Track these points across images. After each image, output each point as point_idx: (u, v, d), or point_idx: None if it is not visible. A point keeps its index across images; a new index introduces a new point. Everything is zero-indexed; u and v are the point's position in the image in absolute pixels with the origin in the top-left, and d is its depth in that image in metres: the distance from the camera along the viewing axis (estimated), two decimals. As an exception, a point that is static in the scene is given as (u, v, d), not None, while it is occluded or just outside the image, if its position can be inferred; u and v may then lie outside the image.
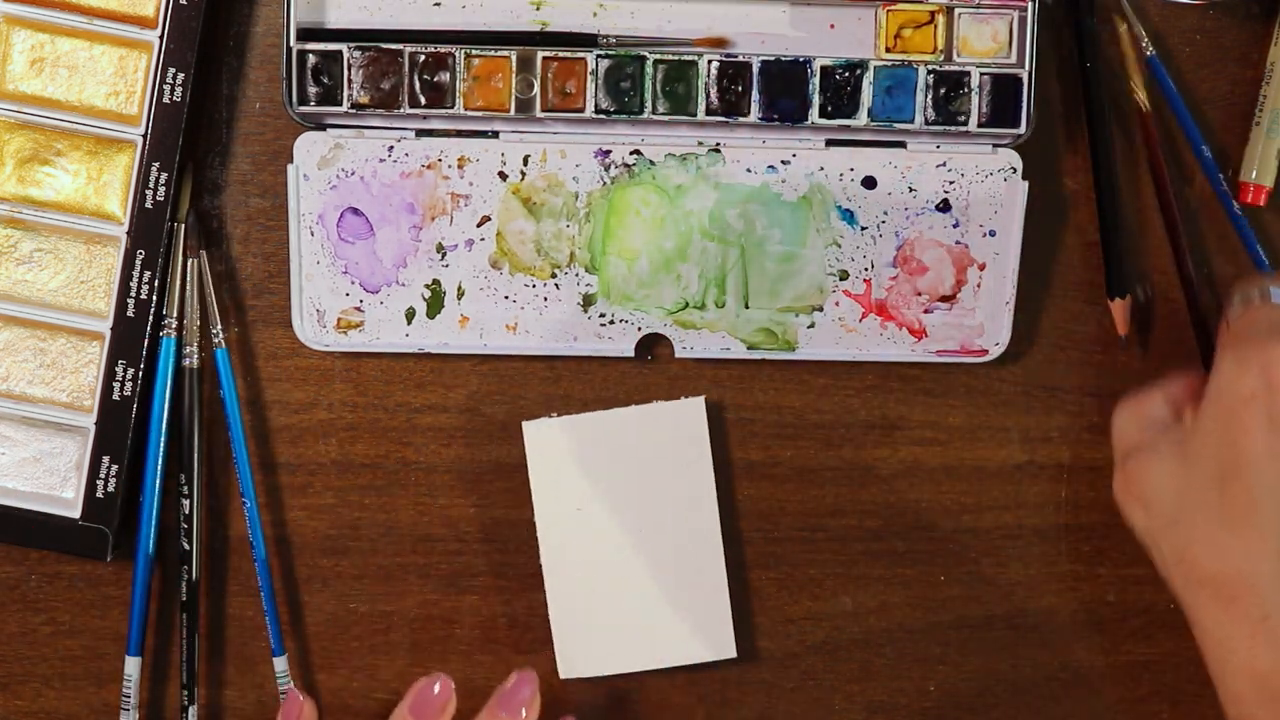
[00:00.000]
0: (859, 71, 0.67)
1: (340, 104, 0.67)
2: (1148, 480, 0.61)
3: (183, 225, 0.67)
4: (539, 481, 0.68)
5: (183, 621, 0.68)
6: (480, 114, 0.67)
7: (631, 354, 0.69)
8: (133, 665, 0.68)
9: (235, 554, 0.69)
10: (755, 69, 0.67)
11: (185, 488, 0.67)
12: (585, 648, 0.69)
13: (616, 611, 0.69)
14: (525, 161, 0.68)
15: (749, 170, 0.69)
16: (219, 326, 0.68)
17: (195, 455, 0.68)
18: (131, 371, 0.66)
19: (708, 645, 0.69)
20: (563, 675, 0.69)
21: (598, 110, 0.67)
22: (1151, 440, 0.62)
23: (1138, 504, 0.62)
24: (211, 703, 0.70)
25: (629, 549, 0.68)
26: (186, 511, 0.67)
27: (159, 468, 0.67)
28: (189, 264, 0.67)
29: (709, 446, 0.68)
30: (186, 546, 0.68)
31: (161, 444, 0.67)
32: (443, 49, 0.67)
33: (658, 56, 0.67)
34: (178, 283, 0.67)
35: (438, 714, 0.64)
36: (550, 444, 0.68)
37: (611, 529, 0.68)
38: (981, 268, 0.69)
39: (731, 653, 0.69)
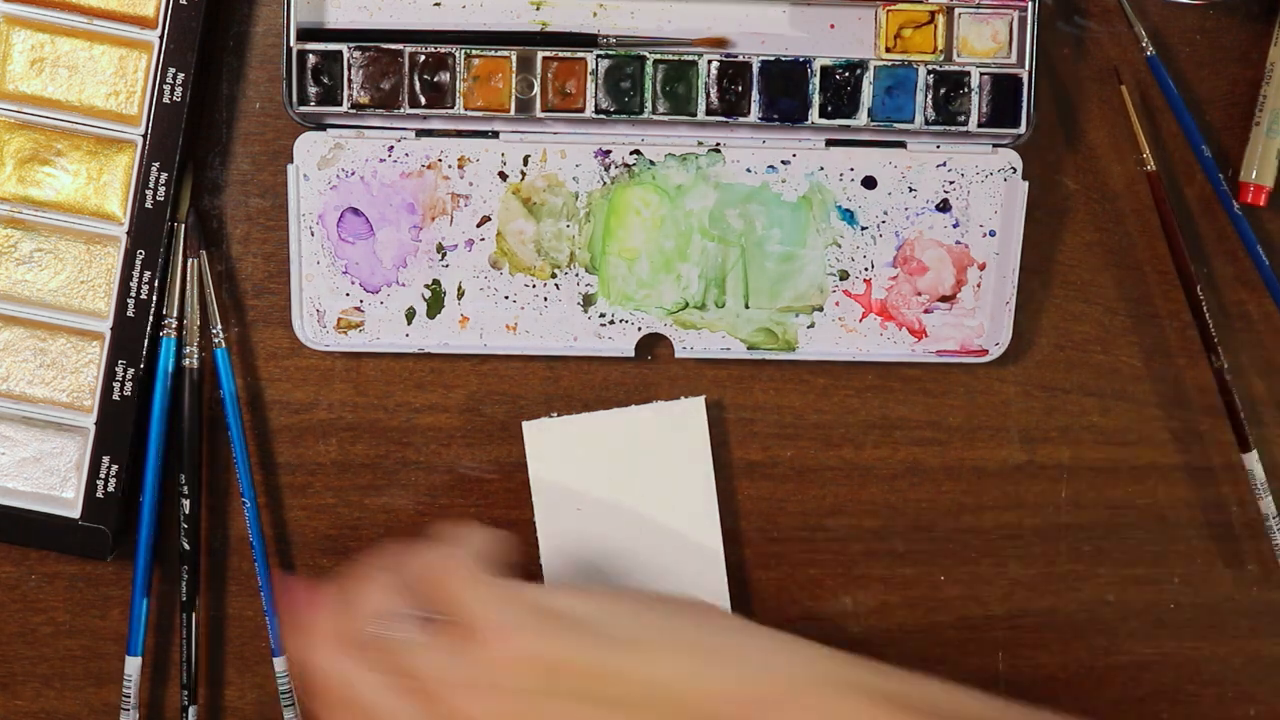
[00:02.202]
0: (859, 71, 0.67)
1: (340, 104, 0.67)
2: None
3: (183, 225, 0.67)
4: (539, 481, 0.68)
5: (183, 622, 0.68)
6: (480, 114, 0.67)
7: (631, 354, 0.69)
8: (133, 665, 0.68)
9: (235, 554, 0.69)
10: (755, 69, 0.67)
11: (185, 488, 0.67)
12: None
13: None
14: (525, 161, 0.68)
15: (749, 170, 0.69)
16: (219, 326, 0.68)
17: (196, 455, 0.68)
18: (131, 371, 0.66)
19: None
20: None
21: (598, 110, 0.67)
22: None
23: None
24: (211, 703, 0.70)
25: (629, 549, 0.68)
26: (187, 511, 0.67)
27: (158, 468, 0.67)
28: (189, 264, 0.67)
29: (709, 446, 0.68)
30: (187, 546, 0.68)
31: (161, 444, 0.67)
32: (443, 49, 0.67)
33: (658, 56, 0.67)
34: (178, 283, 0.67)
35: None
36: (550, 444, 0.68)
37: (611, 529, 0.68)
38: (981, 268, 0.69)
39: None
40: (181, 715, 0.68)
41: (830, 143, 0.68)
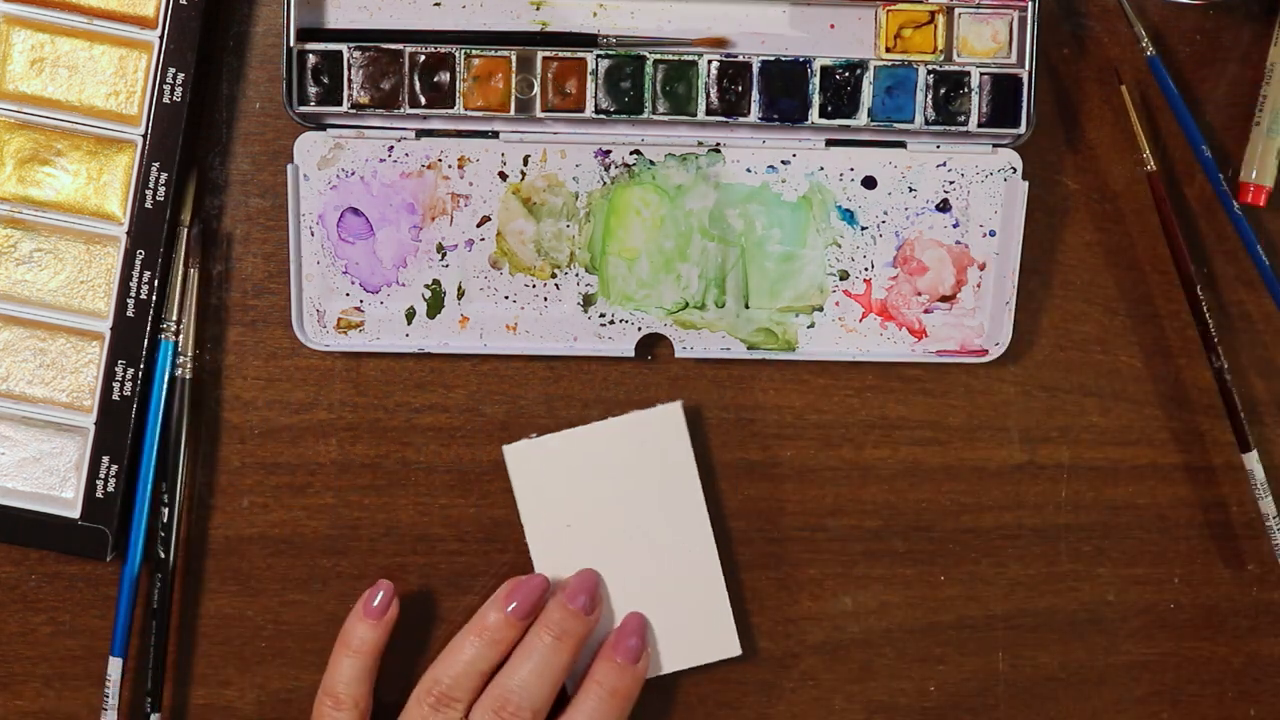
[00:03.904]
0: (859, 71, 0.67)
1: (340, 104, 0.67)
2: None
3: (186, 232, 0.67)
4: (526, 503, 0.68)
5: (152, 628, 0.68)
6: (480, 114, 0.67)
7: (631, 354, 0.69)
8: (115, 666, 0.68)
9: (236, 555, 0.69)
10: (755, 69, 0.67)
11: (166, 496, 0.67)
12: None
13: (618, 623, 0.68)
14: (525, 161, 0.68)
15: (749, 170, 0.69)
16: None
17: (180, 465, 0.67)
18: (131, 371, 0.66)
19: (712, 646, 0.69)
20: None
21: (598, 110, 0.67)
22: None
23: None
24: (212, 703, 0.70)
25: (623, 560, 0.68)
26: (165, 520, 0.67)
27: (153, 471, 0.67)
28: (190, 274, 0.67)
29: (691, 449, 0.68)
30: (163, 555, 0.67)
31: (156, 447, 0.67)
32: (443, 49, 0.67)
33: (658, 56, 0.67)
34: (177, 292, 0.67)
35: (383, 612, 0.67)
36: (533, 464, 0.68)
37: (604, 542, 0.68)
38: (981, 268, 0.69)
39: (736, 650, 0.69)
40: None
41: (830, 143, 0.68)
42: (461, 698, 0.66)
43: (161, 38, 0.66)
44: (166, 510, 0.67)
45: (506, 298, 0.69)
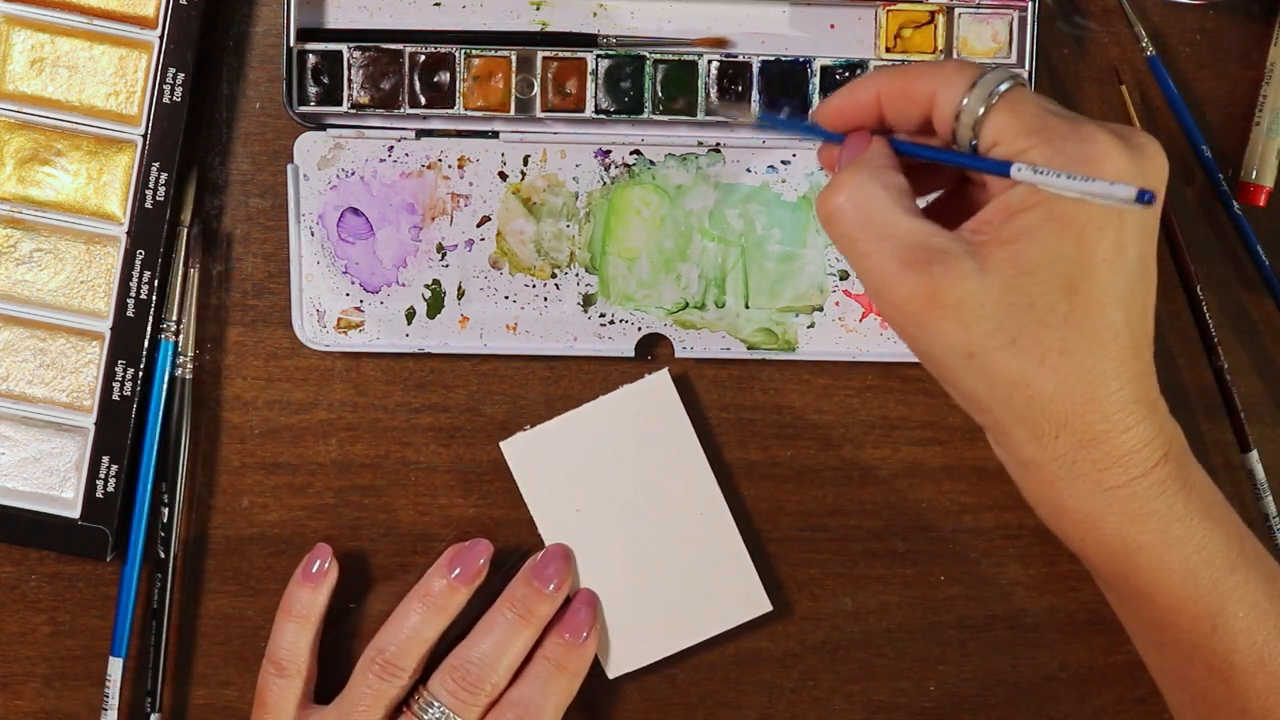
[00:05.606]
0: (859, 71, 0.67)
1: (340, 104, 0.67)
2: (963, 290, 0.51)
3: (186, 232, 0.67)
4: (532, 495, 0.68)
5: (152, 628, 0.68)
6: (480, 114, 0.67)
7: (631, 354, 0.69)
8: (115, 666, 0.68)
9: (236, 554, 0.69)
10: (755, 69, 0.67)
11: (166, 496, 0.67)
12: (626, 643, 0.68)
13: (645, 599, 0.68)
14: (525, 161, 0.68)
15: (749, 170, 0.69)
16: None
17: (180, 465, 0.67)
18: (131, 371, 0.66)
19: (741, 605, 0.69)
20: (611, 675, 0.69)
21: (598, 110, 0.67)
22: (944, 244, 0.52)
23: (951, 319, 0.52)
24: (212, 703, 0.70)
25: (639, 535, 0.68)
26: (166, 520, 0.67)
27: (153, 470, 0.67)
28: (190, 274, 0.67)
29: (686, 414, 0.68)
30: (163, 555, 0.67)
31: (156, 446, 0.67)
32: (443, 49, 0.67)
33: (658, 56, 0.67)
34: (178, 292, 0.67)
35: (322, 576, 0.68)
36: (533, 456, 0.68)
37: (616, 521, 0.68)
38: (981, 268, 0.69)
39: (766, 606, 0.69)
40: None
41: (830, 143, 0.68)
42: (407, 666, 0.66)
43: (161, 38, 0.66)
44: (166, 510, 0.68)
45: (506, 298, 0.69)
